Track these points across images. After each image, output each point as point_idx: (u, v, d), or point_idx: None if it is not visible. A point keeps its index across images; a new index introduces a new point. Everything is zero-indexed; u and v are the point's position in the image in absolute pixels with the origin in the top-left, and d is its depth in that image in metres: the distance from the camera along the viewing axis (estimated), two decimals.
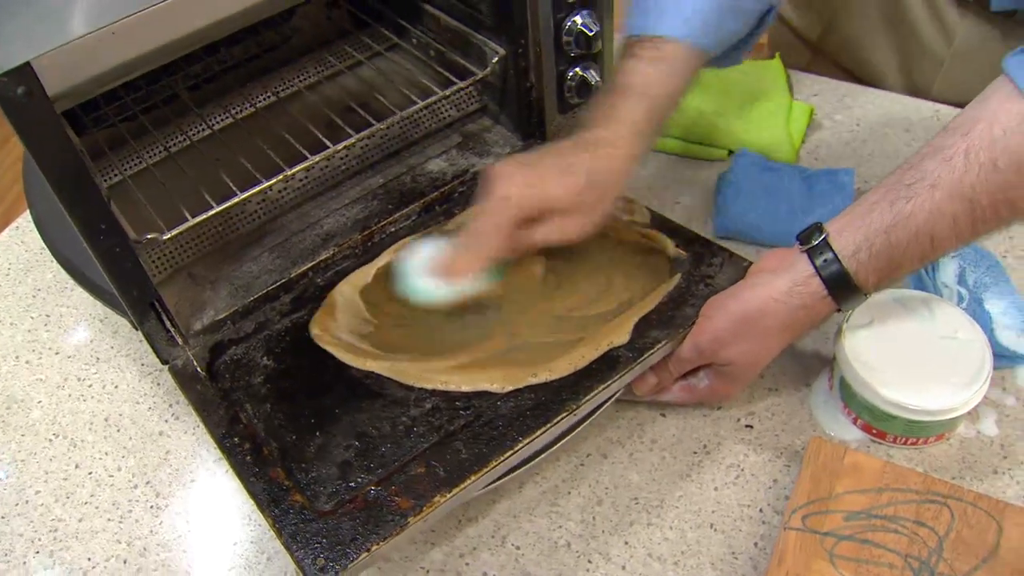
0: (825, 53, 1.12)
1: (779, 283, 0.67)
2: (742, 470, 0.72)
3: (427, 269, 0.75)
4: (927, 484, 0.65)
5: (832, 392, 0.74)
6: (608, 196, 0.72)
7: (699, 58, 0.73)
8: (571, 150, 0.72)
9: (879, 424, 0.70)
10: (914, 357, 0.70)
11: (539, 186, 0.70)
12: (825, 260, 0.65)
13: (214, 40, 0.72)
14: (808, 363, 0.78)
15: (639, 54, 0.72)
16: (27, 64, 0.56)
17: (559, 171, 0.70)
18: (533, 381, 0.69)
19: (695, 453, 0.73)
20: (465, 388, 0.70)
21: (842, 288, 0.65)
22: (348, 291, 0.80)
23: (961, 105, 0.64)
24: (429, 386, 0.71)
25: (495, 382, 0.69)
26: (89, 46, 0.60)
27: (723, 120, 0.99)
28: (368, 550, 0.60)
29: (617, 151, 0.71)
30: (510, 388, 0.69)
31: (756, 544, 0.67)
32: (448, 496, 0.62)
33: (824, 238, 0.65)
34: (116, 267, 0.69)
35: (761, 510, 0.69)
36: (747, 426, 0.74)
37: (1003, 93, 0.60)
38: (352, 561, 0.60)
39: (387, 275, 0.80)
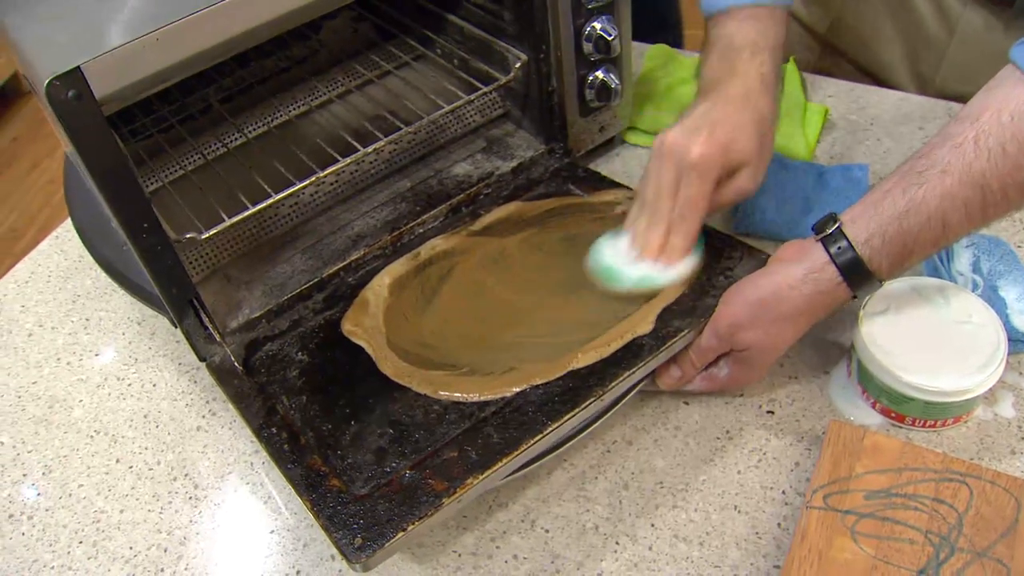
0: (834, 46, 1.13)
1: (795, 271, 0.68)
2: (764, 454, 0.73)
3: (636, 256, 0.76)
4: (946, 463, 0.67)
5: (851, 379, 0.76)
6: (771, 145, 0.77)
7: (787, 15, 0.79)
8: (728, 106, 0.74)
9: (897, 407, 0.72)
10: (930, 341, 0.72)
11: (726, 145, 0.72)
12: (839, 248, 0.67)
13: (246, 49, 0.75)
14: (826, 351, 0.80)
15: (743, 16, 0.77)
16: (77, 68, 0.60)
17: (734, 128, 0.73)
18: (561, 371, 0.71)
19: (718, 439, 0.75)
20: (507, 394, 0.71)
21: (856, 275, 0.67)
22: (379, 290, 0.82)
23: (966, 94, 0.66)
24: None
25: (533, 381, 0.71)
26: (134, 52, 0.63)
27: None
28: (404, 529, 0.62)
29: (763, 102, 0.75)
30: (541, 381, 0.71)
31: (779, 524, 0.69)
32: (481, 478, 0.64)
33: (838, 227, 0.67)
34: (157, 265, 0.72)
35: (783, 492, 0.71)
36: (768, 412, 0.76)
37: (1011, 81, 0.62)
38: (389, 540, 0.62)
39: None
